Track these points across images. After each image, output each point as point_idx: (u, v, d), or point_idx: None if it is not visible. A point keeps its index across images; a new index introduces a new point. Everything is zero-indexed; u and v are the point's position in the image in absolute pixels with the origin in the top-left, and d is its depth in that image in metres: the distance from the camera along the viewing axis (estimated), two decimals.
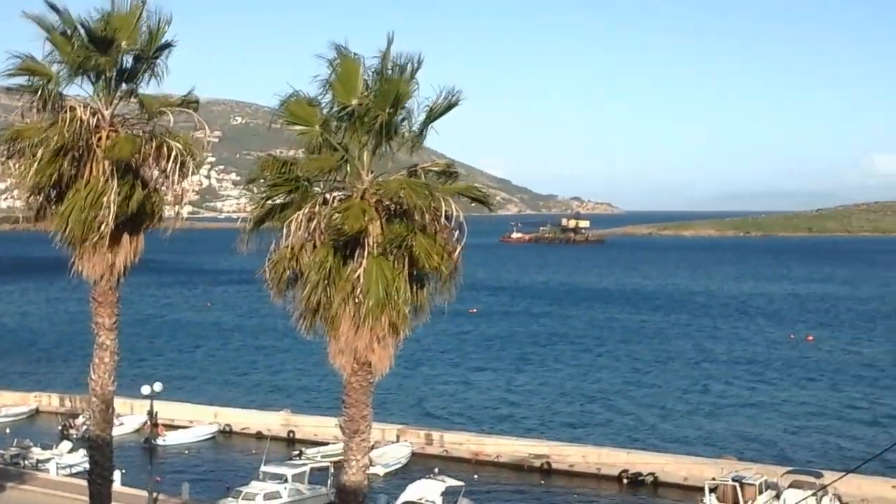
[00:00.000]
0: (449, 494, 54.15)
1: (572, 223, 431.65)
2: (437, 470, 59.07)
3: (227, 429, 77.34)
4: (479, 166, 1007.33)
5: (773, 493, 55.66)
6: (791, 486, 55.69)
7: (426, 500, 52.98)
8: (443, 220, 23.25)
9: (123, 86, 26.75)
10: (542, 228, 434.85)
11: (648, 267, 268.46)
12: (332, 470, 55.42)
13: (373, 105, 23.00)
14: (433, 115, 23.57)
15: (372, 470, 62.68)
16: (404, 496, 53.97)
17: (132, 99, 26.83)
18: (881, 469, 61.26)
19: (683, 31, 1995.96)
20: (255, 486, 55.38)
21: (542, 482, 64.16)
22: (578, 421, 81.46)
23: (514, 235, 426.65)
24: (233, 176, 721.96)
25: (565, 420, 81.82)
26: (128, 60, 26.42)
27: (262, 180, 24.33)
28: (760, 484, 55.61)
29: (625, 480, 63.37)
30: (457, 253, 23.72)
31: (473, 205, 24.79)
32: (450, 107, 23.51)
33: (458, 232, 23.70)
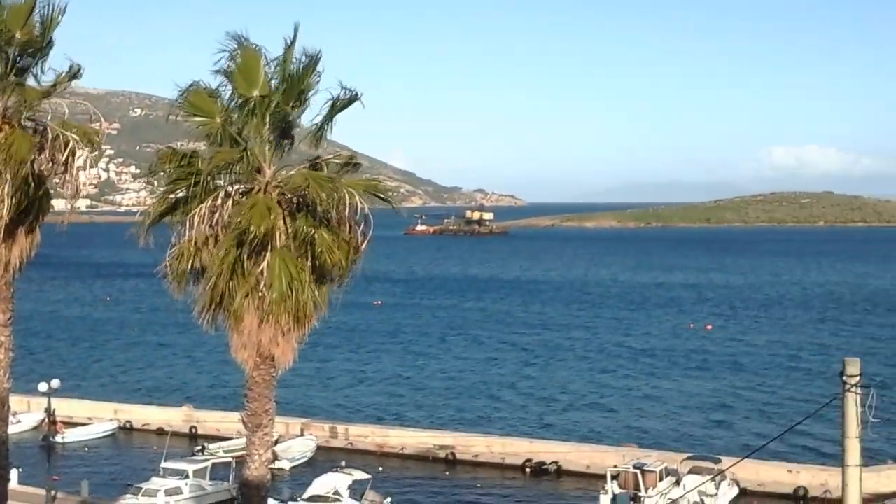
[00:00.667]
0: (355, 487, 54.09)
1: (476, 215, 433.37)
2: (343, 463, 58.98)
3: (128, 425, 76.17)
4: (384, 159, 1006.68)
5: (674, 479, 56.68)
6: (690, 471, 56.82)
7: (333, 494, 52.84)
8: (347, 213, 23.17)
9: (13, 77, 26.02)
10: (446, 220, 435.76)
11: (551, 258, 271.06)
12: (234, 465, 54.95)
13: (274, 97, 22.81)
14: (336, 108, 23.47)
15: (277, 464, 62.31)
16: (311, 490, 53.75)
17: (20, 89, 26.05)
18: (777, 454, 62.86)
19: (583, 22, 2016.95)
20: (156, 483, 54.64)
21: (447, 472, 64.48)
22: (482, 412, 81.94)
23: (419, 228, 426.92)
24: (132, 169, 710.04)
25: (469, 411, 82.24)
26: (19, 52, 25.70)
27: (163, 173, 23.95)
28: (661, 470, 56.60)
29: (528, 469, 64.01)
30: (363, 247, 23.67)
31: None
32: (352, 100, 23.43)
33: (363, 225, 23.65)
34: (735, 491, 57.33)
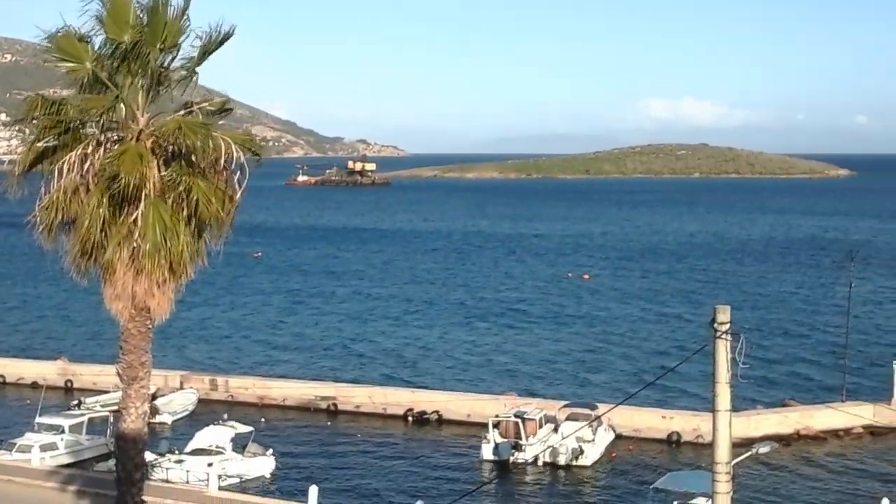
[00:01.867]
0: (238, 440, 53.79)
1: (359, 166, 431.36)
2: (225, 416, 58.52)
3: (1, 379, 74.30)
4: (264, 108, 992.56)
5: (552, 426, 57.85)
6: (568, 418, 58.03)
7: (216, 447, 52.43)
8: (223, 161, 22.82)
9: None
10: (328, 171, 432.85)
11: (432, 209, 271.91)
12: (111, 419, 54.03)
13: (146, 42, 22.23)
14: (208, 49, 22.98)
15: (159, 418, 61.75)
16: (193, 444, 53.23)
17: None
18: (651, 400, 64.50)
19: None
20: (30, 438, 53.45)
21: (329, 423, 64.57)
22: (364, 362, 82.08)
23: (300, 179, 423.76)
24: (2, 117, 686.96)
25: (351, 362, 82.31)
26: None
27: (32, 121, 23.23)
28: (540, 418, 57.68)
29: (410, 419, 64.52)
30: (238, 196, 23.35)
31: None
32: (224, 40, 22.97)
33: (238, 174, 23.32)
34: (611, 436, 58.76)
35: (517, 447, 55.96)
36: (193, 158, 22.65)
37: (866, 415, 61.38)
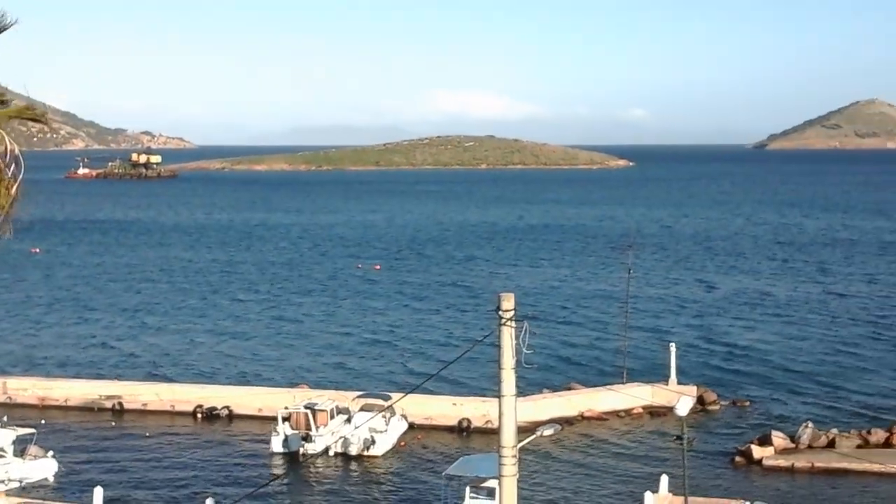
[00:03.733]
0: (18, 442, 51.63)
1: (143, 158, 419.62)
2: (5, 418, 56.06)
3: None
4: (40, 98, 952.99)
5: (345, 417, 58.09)
6: (362, 409, 58.40)
7: None
8: None
9: None
10: (111, 164, 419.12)
11: (220, 201, 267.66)
12: None
13: None
14: None
15: None
16: None
17: None
18: (443, 388, 65.59)
19: None
20: None
21: (114, 423, 62.92)
22: (149, 359, 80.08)
23: (81, 171, 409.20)
24: None
25: (136, 360, 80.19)
26: None
27: None
28: (332, 409, 57.83)
29: (200, 415, 63.52)
30: (14, 189, 22.39)
31: (36, 139, 23.53)
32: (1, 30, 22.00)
33: (13, 166, 22.36)
34: (405, 425, 59.40)
35: (307, 439, 55.98)
36: None
37: (645, 396, 64.18)
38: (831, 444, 55.24)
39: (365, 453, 55.52)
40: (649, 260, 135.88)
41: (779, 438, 55.83)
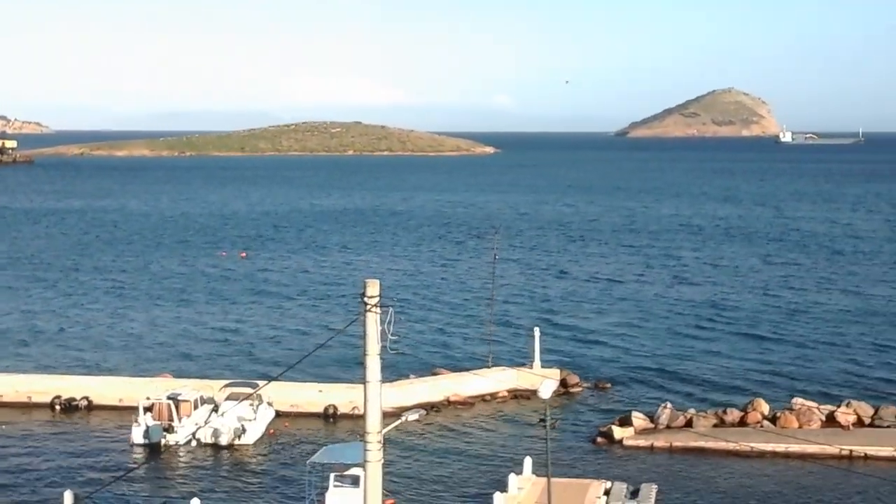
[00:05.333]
0: None
1: None
2: None
3: None
4: None
5: (211, 406, 57.36)
6: (228, 397, 57.76)
7: None
8: None
9: None
10: None
11: (77, 189, 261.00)
12: None
13: None
14: None
15: None
16: None
17: None
18: (309, 375, 65.36)
19: None
20: None
21: None
22: (6, 350, 77.66)
23: None
24: None
25: None
26: None
27: None
28: (196, 399, 57.02)
29: (58, 407, 61.92)
30: None
31: None
32: None
33: None
34: (272, 414, 58.93)
35: (170, 429, 55.13)
36: None
37: (510, 380, 65.00)
38: (689, 424, 56.85)
39: (235, 442, 54.95)
40: (514, 246, 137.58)
41: (639, 419, 57.20)
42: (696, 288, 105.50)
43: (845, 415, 57.04)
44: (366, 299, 23.33)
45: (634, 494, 46.16)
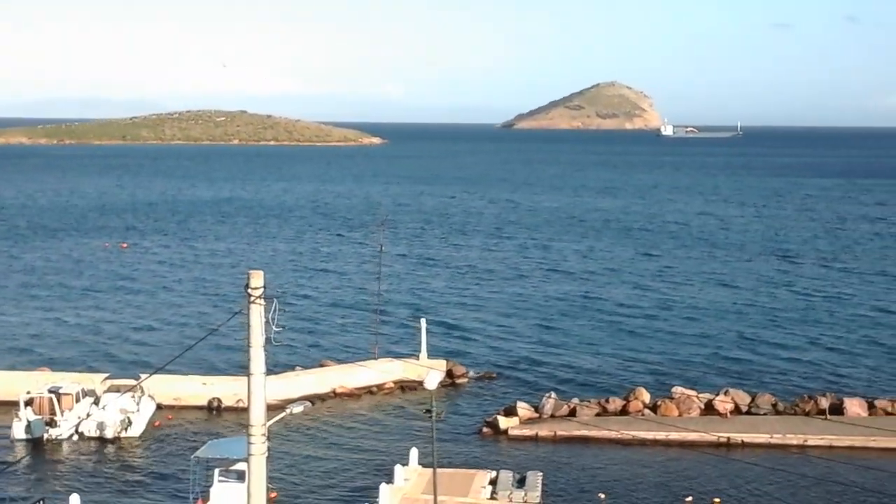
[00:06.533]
0: None
1: None
2: None
3: None
4: None
5: (92, 399, 56.25)
6: (108, 390, 56.78)
7: None
8: None
9: None
10: None
11: None
12: None
13: None
14: None
15: None
16: None
17: None
18: (194, 368, 64.48)
19: None
20: None
21: None
22: None
23: None
24: None
25: None
26: None
27: None
28: (77, 392, 55.84)
29: None
30: None
31: None
32: None
33: None
34: (153, 406, 58.02)
35: (52, 423, 53.94)
36: None
37: (396, 371, 65.10)
38: (572, 414, 57.71)
39: (121, 435, 54.02)
40: (398, 238, 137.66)
41: (523, 409, 57.83)
42: (576, 279, 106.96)
43: (723, 403, 58.54)
44: (249, 291, 23.12)
45: (521, 483, 46.69)
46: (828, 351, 75.61)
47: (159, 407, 58.70)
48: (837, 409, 57.42)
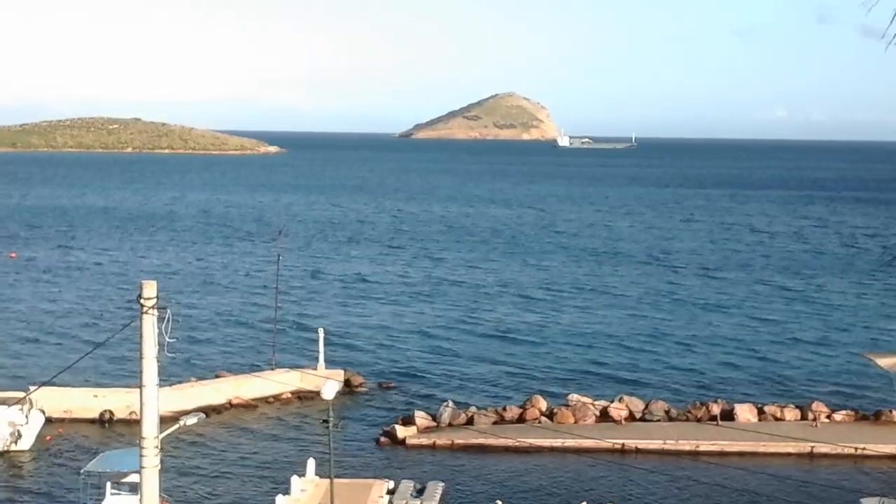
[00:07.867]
0: None
1: None
2: None
3: None
4: None
5: None
6: None
7: None
8: None
9: None
10: None
11: None
12: None
13: None
14: None
15: None
16: None
17: None
18: (85, 380, 63.11)
19: None
20: None
21: None
22: None
23: None
24: None
25: None
26: None
27: None
28: None
29: None
30: None
31: None
32: None
33: None
34: (42, 419, 56.58)
35: None
36: None
37: (294, 381, 64.51)
38: (470, 422, 57.90)
39: (11, 448, 52.60)
40: (293, 247, 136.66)
41: (421, 418, 57.87)
42: (469, 290, 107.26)
43: (618, 410, 59.33)
44: (142, 301, 22.72)
45: (420, 492, 46.65)
46: (717, 358, 77.21)
47: (49, 420, 57.26)
48: (728, 416, 58.64)
